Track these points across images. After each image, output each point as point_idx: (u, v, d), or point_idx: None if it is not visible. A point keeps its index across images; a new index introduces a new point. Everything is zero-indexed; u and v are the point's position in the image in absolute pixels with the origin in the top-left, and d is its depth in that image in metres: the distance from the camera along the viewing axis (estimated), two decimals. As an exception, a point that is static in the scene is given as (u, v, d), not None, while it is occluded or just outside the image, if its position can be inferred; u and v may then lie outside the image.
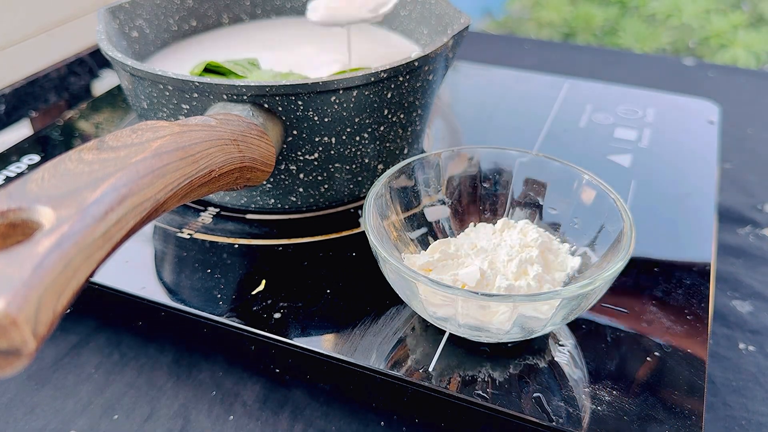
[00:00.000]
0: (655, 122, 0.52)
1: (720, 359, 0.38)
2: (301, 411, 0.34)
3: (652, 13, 1.34)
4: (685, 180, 0.45)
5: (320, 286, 0.35)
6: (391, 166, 0.41)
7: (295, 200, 0.40)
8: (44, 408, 0.34)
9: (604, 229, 0.32)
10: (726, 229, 0.48)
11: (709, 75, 0.71)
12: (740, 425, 0.34)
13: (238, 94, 0.34)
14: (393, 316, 0.33)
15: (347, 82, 0.35)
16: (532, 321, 0.29)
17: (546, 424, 0.28)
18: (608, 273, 0.28)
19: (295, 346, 0.32)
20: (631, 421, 0.28)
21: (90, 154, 0.23)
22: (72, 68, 0.59)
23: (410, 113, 0.40)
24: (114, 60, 0.38)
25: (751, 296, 0.42)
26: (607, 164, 0.46)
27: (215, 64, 0.40)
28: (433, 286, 0.27)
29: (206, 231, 0.39)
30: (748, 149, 0.58)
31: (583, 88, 0.57)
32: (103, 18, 0.43)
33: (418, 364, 0.31)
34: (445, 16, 0.44)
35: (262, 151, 0.32)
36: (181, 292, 0.35)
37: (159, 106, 0.37)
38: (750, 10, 1.32)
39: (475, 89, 0.58)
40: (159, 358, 0.37)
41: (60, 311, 0.19)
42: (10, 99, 0.54)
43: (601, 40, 1.35)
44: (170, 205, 0.25)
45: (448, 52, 0.40)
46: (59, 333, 0.38)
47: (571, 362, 0.31)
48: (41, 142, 0.49)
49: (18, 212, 0.20)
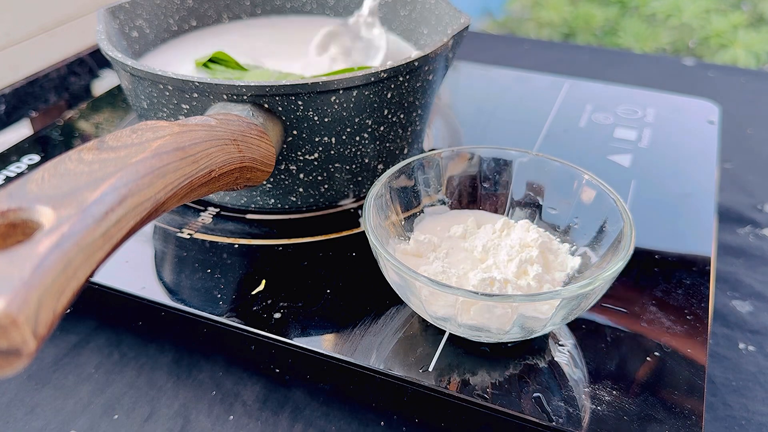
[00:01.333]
0: (655, 122, 0.52)
1: (720, 359, 0.38)
2: (301, 411, 0.34)
3: (652, 13, 1.34)
4: (685, 180, 0.45)
5: (320, 286, 0.35)
6: (391, 166, 0.40)
7: (295, 200, 0.40)
8: (44, 408, 0.34)
9: (604, 229, 0.32)
10: (726, 229, 0.48)
11: (709, 75, 0.71)
12: (740, 425, 0.34)
13: (238, 94, 0.34)
14: (393, 316, 0.33)
15: (347, 82, 0.35)
16: (532, 321, 0.29)
17: (546, 424, 0.28)
18: (608, 273, 0.28)
19: (295, 346, 0.32)
20: (631, 421, 0.28)
21: (90, 154, 0.23)
22: (72, 68, 0.59)
23: (410, 113, 0.40)
24: (114, 60, 0.38)
25: (751, 296, 0.42)
26: (607, 164, 0.46)
27: (223, 56, 0.41)
28: (433, 286, 0.27)
29: (206, 231, 0.39)
30: (748, 149, 0.58)
31: (583, 88, 0.57)
32: (103, 18, 0.43)
33: (418, 364, 0.31)
34: (445, 16, 0.44)
35: (262, 151, 0.32)
36: (181, 292, 0.35)
37: (159, 106, 0.37)
38: (750, 10, 1.32)
39: (475, 89, 0.58)
40: (159, 358, 0.37)
41: (60, 311, 0.19)
42: (10, 99, 0.54)
43: (601, 40, 1.35)
44: (170, 205, 0.25)
45: (448, 52, 0.40)
46: (59, 333, 0.38)
47: (571, 362, 0.31)
48: (41, 142, 0.49)
49: (18, 212, 0.20)
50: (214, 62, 0.42)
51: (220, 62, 0.42)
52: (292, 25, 0.53)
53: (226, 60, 0.41)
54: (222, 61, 0.42)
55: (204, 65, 0.42)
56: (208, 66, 0.42)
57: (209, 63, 0.42)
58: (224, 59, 0.41)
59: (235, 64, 0.42)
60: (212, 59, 0.42)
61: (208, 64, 0.42)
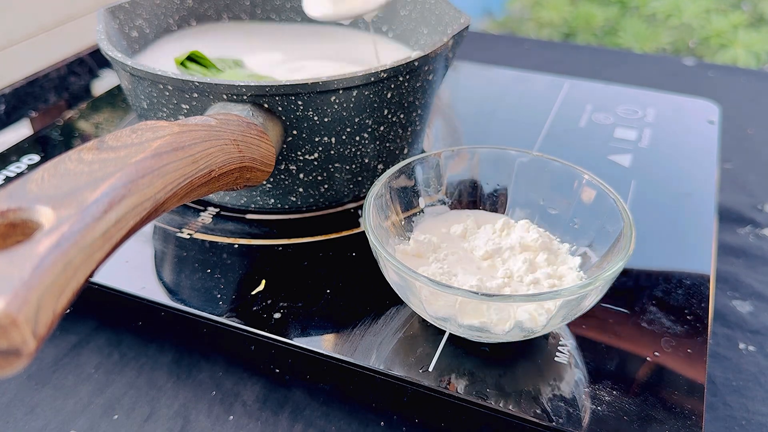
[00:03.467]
0: (655, 122, 0.52)
1: (720, 359, 0.38)
2: (301, 411, 0.34)
3: (652, 13, 1.34)
4: (685, 180, 0.45)
5: (320, 286, 0.35)
6: (391, 166, 0.40)
7: (295, 200, 0.40)
8: (44, 408, 0.34)
9: (604, 229, 0.32)
10: (726, 229, 0.48)
11: (709, 75, 0.71)
12: (740, 425, 0.34)
13: (238, 94, 0.34)
14: (393, 316, 0.33)
15: (347, 82, 0.35)
16: (532, 321, 0.29)
17: (546, 424, 0.28)
18: (608, 273, 0.28)
19: (295, 346, 0.32)
20: (631, 421, 0.28)
21: (90, 154, 0.23)
22: (72, 68, 0.59)
23: (410, 113, 0.40)
24: (114, 60, 0.38)
25: (751, 296, 0.42)
26: (607, 164, 0.46)
27: (199, 55, 0.41)
28: (434, 286, 0.27)
29: (206, 231, 0.39)
30: (748, 149, 0.58)
31: (583, 88, 0.57)
32: (102, 18, 0.43)
33: (418, 364, 0.31)
34: (445, 16, 0.44)
35: (262, 151, 0.32)
36: (180, 292, 0.35)
37: (159, 106, 0.37)
38: (750, 10, 1.32)
39: (475, 89, 0.58)
40: (159, 358, 0.37)
41: (60, 311, 0.19)
42: (10, 99, 0.54)
43: (601, 40, 1.35)
44: (170, 205, 0.25)
45: (448, 52, 0.40)
46: (59, 333, 0.38)
47: (571, 362, 0.31)
48: (41, 142, 0.49)
49: (18, 212, 0.20)
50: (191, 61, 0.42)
51: (197, 61, 0.42)
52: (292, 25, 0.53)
53: (202, 58, 0.41)
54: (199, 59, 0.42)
55: (181, 63, 0.42)
56: (185, 65, 0.42)
57: (186, 62, 0.42)
58: (200, 58, 0.42)
59: (210, 63, 0.42)
60: (189, 57, 0.42)
61: (185, 63, 0.42)
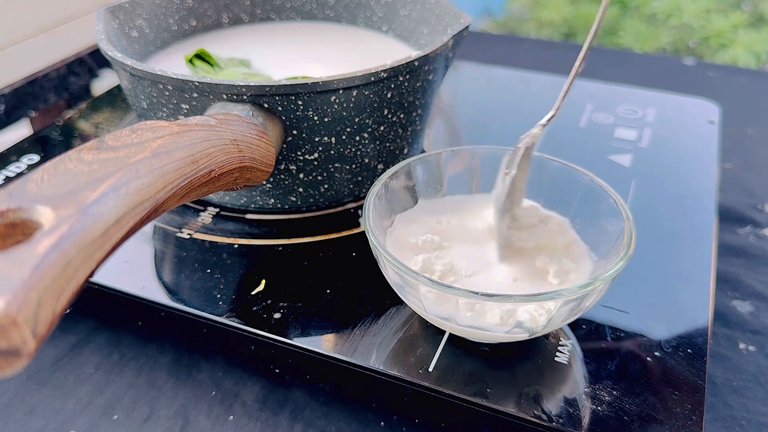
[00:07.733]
0: (655, 122, 0.52)
1: (720, 359, 0.38)
2: (301, 411, 0.34)
3: (652, 12, 1.34)
4: (685, 180, 0.45)
5: (320, 286, 0.35)
6: (391, 166, 0.40)
7: (295, 200, 0.40)
8: (44, 408, 0.34)
9: (604, 229, 0.32)
10: (726, 229, 0.48)
11: (709, 75, 0.71)
12: (740, 425, 0.34)
13: (238, 94, 0.34)
14: (393, 316, 0.33)
15: (347, 82, 0.35)
16: (532, 321, 0.29)
17: (546, 424, 0.28)
18: (608, 273, 0.28)
19: (295, 346, 0.32)
20: (631, 421, 0.28)
21: (89, 154, 0.23)
22: (72, 68, 0.59)
23: (410, 113, 0.40)
24: (114, 60, 0.38)
25: (751, 296, 0.42)
26: (607, 164, 0.46)
27: (206, 53, 0.41)
28: (434, 286, 0.27)
29: (206, 231, 0.39)
30: (748, 149, 0.58)
31: (583, 88, 0.57)
32: (102, 18, 0.43)
33: (418, 364, 0.31)
34: (445, 16, 0.44)
35: (262, 151, 0.32)
36: (180, 292, 0.35)
37: (159, 106, 0.37)
38: (750, 10, 1.32)
39: (475, 89, 0.58)
40: (159, 358, 0.37)
41: (60, 311, 0.19)
42: (9, 99, 0.53)
43: (601, 40, 1.35)
44: (170, 205, 0.25)
45: (448, 52, 0.40)
46: (59, 333, 0.38)
47: (570, 362, 0.31)
48: (41, 142, 0.49)
49: (18, 212, 0.20)
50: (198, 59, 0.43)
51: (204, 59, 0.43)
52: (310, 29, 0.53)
53: (209, 57, 0.42)
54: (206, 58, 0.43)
55: (190, 61, 0.43)
56: (193, 62, 0.43)
57: (194, 59, 0.43)
58: (207, 56, 0.42)
59: (215, 62, 0.42)
60: (197, 55, 0.42)
61: (193, 60, 0.43)
